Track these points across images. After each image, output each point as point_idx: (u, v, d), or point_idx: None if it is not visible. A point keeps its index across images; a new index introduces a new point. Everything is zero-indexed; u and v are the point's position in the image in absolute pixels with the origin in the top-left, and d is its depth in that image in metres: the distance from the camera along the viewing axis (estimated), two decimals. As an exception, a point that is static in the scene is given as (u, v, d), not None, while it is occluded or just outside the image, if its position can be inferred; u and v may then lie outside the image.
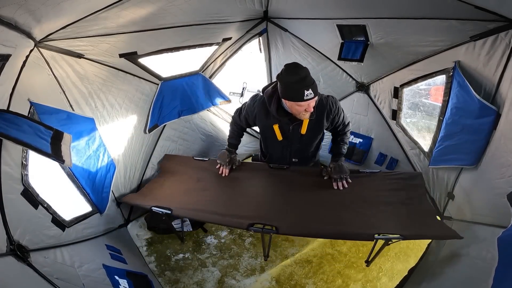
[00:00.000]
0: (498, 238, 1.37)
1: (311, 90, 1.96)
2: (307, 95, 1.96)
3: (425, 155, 2.60)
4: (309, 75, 1.99)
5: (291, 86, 1.98)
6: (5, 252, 1.37)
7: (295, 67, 2.02)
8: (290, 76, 1.98)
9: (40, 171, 1.77)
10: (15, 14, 1.34)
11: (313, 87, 1.98)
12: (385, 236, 1.85)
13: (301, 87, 1.95)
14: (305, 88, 1.95)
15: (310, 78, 1.99)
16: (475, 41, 1.90)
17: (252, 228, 2.01)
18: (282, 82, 2.02)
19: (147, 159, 2.98)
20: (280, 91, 2.07)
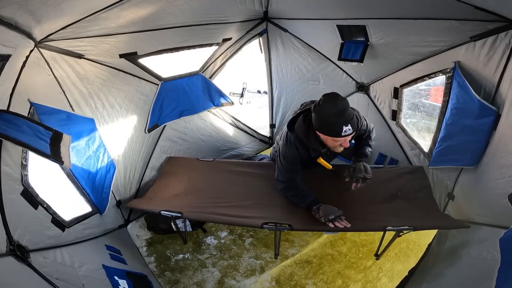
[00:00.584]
0: (500, 239, 1.36)
1: (350, 126, 1.81)
2: (345, 131, 1.82)
3: (425, 156, 2.60)
4: (348, 108, 1.83)
5: (328, 120, 1.83)
6: (5, 253, 1.36)
7: (335, 97, 1.84)
8: (328, 108, 1.81)
9: (40, 172, 1.76)
10: (15, 14, 1.34)
11: (353, 122, 1.84)
12: (396, 228, 1.92)
13: (339, 121, 1.80)
14: (344, 124, 1.80)
15: (349, 112, 1.83)
16: (475, 42, 1.90)
17: (266, 226, 2.01)
18: (318, 115, 1.86)
19: (147, 159, 2.98)
20: (314, 123, 1.92)
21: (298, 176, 2.22)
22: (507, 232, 1.39)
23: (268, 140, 4.00)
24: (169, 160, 3.03)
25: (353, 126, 1.84)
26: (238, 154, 3.78)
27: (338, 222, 1.94)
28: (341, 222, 1.94)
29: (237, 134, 3.78)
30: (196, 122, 3.37)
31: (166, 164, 2.99)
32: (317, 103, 1.87)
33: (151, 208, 2.38)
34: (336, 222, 1.94)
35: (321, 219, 1.97)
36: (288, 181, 2.20)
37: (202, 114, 3.36)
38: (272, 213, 2.18)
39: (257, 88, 6.80)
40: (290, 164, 2.16)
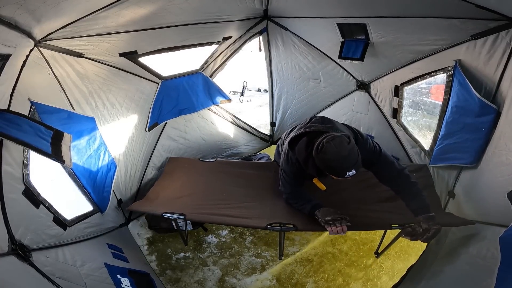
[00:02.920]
0: (500, 237, 1.37)
1: (353, 170, 1.71)
2: (348, 175, 1.72)
3: (425, 154, 2.60)
4: (352, 152, 1.70)
5: (331, 166, 1.73)
6: (6, 252, 1.37)
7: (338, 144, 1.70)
8: (330, 156, 1.70)
9: (41, 171, 1.77)
10: (15, 13, 1.34)
11: (357, 165, 1.72)
12: (401, 226, 1.92)
13: (342, 168, 1.71)
14: (347, 170, 1.70)
15: (353, 155, 1.70)
16: (476, 40, 1.90)
17: (271, 227, 2.01)
18: (320, 160, 1.76)
19: (148, 158, 2.98)
20: (317, 162, 1.81)
21: (300, 185, 2.21)
22: (506, 230, 1.39)
23: (269, 138, 4.00)
24: (170, 161, 3.00)
25: (357, 168, 1.73)
26: (239, 152, 3.78)
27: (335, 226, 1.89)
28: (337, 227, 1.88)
29: (237, 132, 3.78)
30: (196, 121, 3.37)
31: (167, 164, 2.96)
32: (319, 147, 1.74)
33: (153, 210, 2.34)
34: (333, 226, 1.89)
35: (321, 221, 1.95)
36: (291, 192, 2.20)
37: (203, 112, 3.36)
38: (276, 214, 2.17)
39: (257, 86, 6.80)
40: (292, 178, 2.15)
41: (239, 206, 2.30)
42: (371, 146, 1.98)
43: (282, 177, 2.21)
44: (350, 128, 2.07)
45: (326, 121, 2.05)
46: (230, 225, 2.70)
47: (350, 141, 1.75)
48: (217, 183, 2.63)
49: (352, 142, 1.75)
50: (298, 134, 2.01)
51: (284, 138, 2.47)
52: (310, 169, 1.93)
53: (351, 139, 1.77)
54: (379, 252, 2.25)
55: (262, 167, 2.79)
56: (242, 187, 2.55)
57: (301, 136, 1.99)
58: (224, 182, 2.62)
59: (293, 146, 2.02)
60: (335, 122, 2.05)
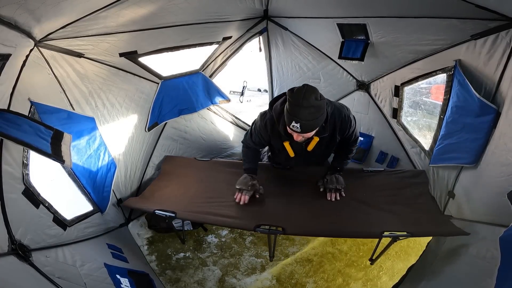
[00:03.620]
0: (500, 237, 1.37)
1: (299, 125, 1.75)
2: (293, 126, 1.77)
3: (425, 154, 2.60)
4: (310, 109, 1.72)
5: (287, 107, 1.79)
6: (6, 252, 1.37)
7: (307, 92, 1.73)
8: (292, 97, 1.75)
9: (41, 171, 1.77)
10: (15, 13, 1.34)
11: (304, 124, 1.75)
12: (393, 234, 1.88)
13: (292, 114, 1.75)
14: (294, 120, 1.74)
15: (309, 112, 1.73)
16: (476, 40, 1.90)
17: (259, 230, 1.99)
18: (287, 96, 1.82)
19: (148, 158, 2.98)
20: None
21: (255, 144, 2.31)
22: (506, 230, 1.39)
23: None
24: (166, 159, 3.02)
25: (304, 128, 1.76)
26: (239, 152, 3.78)
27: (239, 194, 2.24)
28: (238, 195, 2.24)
29: (237, 132, 3.79)
30: (196, 121, 3.37)
31: (163, 163, 2.98)
32: (295, 88, 1.81)
33: (146, 207, 2.36)
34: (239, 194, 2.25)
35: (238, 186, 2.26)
36: (249, 144, 2.33)
37: (203, 112, 3.36)
38: (265, 216, 2.15)
39: (257, 86, 6.81)
40: (256, 134, 2.23)
41: (230, 205, 2.28)
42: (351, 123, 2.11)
43: (250, 128, 2.31)
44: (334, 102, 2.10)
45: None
46: (218, 225, 2.70)
47: (320, 100, 1.75)
48: (210, 182, 2.63)
49: (321, 101, 1.75)
50: (280, 94, 2.08)
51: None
52: (281, 125, 1.96)
53: (323, 99, 1.77)
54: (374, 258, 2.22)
55: None
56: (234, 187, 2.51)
57: (283, 94, 2.03)
58: (218, 181, 2.63)
59: (272, 104, 2.07)
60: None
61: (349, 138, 2.24)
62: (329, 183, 2.30)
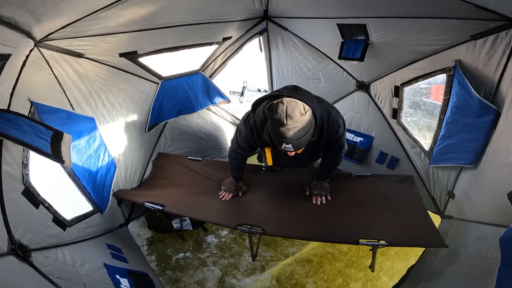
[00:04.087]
0: (500, 238, 1.37)
1: (291, 146, 1.64)
2: (284, 147, 1.66)
3: (425, 154, 2.60)
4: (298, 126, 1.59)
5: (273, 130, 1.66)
6: (6, 252, 1.37)
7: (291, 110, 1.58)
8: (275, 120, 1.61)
9: (41, 171, 1.77)
10: (15, 13, 1.34)
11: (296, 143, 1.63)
12: (370, 242, 1.86)
13: (281, 137, 1.62)
14: (285, 142, 1.63)
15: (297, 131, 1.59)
16: (476, 40, 1.90)
17: (240, 228, 2.03)
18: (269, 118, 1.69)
19: (148, 158, 2.98)
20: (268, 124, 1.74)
21: (246, 152, 2.25)
22: (507, 231, 1.39)
23: (268, 139, 4.00)
24: (159, 156, 3.07)
25: (296, 146, 1.65)
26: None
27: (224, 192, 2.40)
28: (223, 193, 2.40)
29: (237, 133, 3.78)
30: (196, 121, 3.37)
31: (156, 159, 3.04)
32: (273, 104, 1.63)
33: (136, 199, 2.47)
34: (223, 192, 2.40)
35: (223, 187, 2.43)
36: (235, 150, 2.26)
37: (202, 113, 3.36)
38: (248, 215, 2.22)
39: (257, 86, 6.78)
40: (242, 139, 2.15)
41: (216, 203, 2.37)
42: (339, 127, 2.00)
43: (235, 135, 2.24)
44: (324, 103, 1.97)
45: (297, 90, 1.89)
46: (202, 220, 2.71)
47: (306, 113, 1.61)
48: (199, 180, 2.71)
49: (307, 115, 1.61)
50: (262, 97, 1.95)
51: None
52: (265, 133, 1.87)
53: (308, 112, 1.62)
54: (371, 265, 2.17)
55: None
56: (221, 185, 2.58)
57: (265, 99, 1.90)
58: (206, 179, 2.70)
59: (256, 108, 1.94)
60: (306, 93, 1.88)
61: (334, 143, 2.10)
62: (314, 189, 2.33)
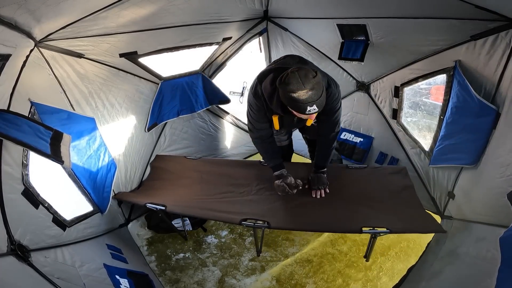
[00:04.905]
0: (500, 238, 1.36)
1: (315, 106, 1.68)
2: (310, 111, 1.69)
3: (425, 154, 2.60)
4: (315, 87, 1.65)
5: (293, 99, 1.67)
6: (5, 252, 1.37)
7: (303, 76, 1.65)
8: (293, 87, 1.65)
9: (41, 171, 1.77)
10: (15, 14, 1.34)
11: (319, 102, 1.69)
12: (372, 230, 1.94)
13: (304, 101, 1.66)
14: (309, 104, 1.67)
15: (316, 91, 1.66)
16: (476, 41, 1.90)
17: (245, 223, 2.06)
18: (283, 91, 1.71)
19: (148, 158, 2.98)
20: (280, 94, 1.76)
21: (267, 126, 2.15)
22: (507, 231, 1.39)
23: (268, 139, 4.00)
24: (156, 158, 3.07)
25: (320, 105, 1.70)
26: (238, 152, 3.78)
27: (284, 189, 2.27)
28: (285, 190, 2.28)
29: (237, 133, 3.78)
30: (196, 121, 3.37)
31: (154, 161, 3.03)
32: (283, 77, 1.69)
33: (137, 200, 2.46)
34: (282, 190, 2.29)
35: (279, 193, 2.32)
36: (258, 130, 2.17)
37: (202, 113, 3.36)
38: (252, 210, 2.23)
39: (257, 87, 6.79)
40: (256, 113, 2.10)
41: (218, 200, 2.39)
42: (336, 100, 2.01)
43: (248, 113, 2.15)
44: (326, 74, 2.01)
45: (302, 61, 2.00)
46: (207, 218, 2.80)
47: (316, 75, 1.68)
48: (200, 179, 2.71)
49: (318, 76, 1.68)
50: (268, 69, 1.97)
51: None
52: (275, 106, 1.89)
53: (318, 74, 1.69)
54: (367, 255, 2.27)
55: (244, 165, 2.87)
56: (223, 183, 2.62)
57: (270, 71, 1.94)
58: (207, 178, 2.71)
59: (262, 80, 1.96)
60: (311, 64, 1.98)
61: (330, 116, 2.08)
62: (313, 183, 2.34)
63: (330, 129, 2.18)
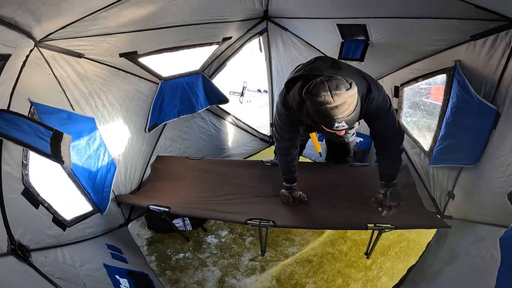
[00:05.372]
0: (500, 238, 1.36)
1: (344, 123, 1.48)
2: (337, 127, 1.50)
3: (425, 154, 2.60)
4: (348, 100, 1.44)
5: (320, 112, 1.48)
6: (6, 252, 1.37)
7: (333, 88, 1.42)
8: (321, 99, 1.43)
9: (41, 171, 1.77)
10: (15, 14, 1.34)
11: (349, 119, 1.48)
12: (378, 226, 1.97)
13: (332, 116, 1.46)
14: (337, 121, 1.47)
15: (347, 106, 1.44)
16: (476, 41, 1.90)
17: (250, 223, 2.07)
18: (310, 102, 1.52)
19: (148, 158, 2.98)
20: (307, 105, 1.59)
21: (294, 136, 2.05)
22: (507, 231, 1.39)
23: (269, 139, 4.00)
24: (157, 159, 3.06)
25: (350, 122, 1.50)
26: (238, 153, 3.78)
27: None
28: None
29: (237, 133, 3.78)
30: (196, 121, 3.37)
31: (155, 163, 3.02)
32: (311, 88, 1.48)
33: (140, 202, 2.46)
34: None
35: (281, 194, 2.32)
36: (285, 141, 2.06)
37: (202, 113, 3.36)
38: (257, 210, 2.25)
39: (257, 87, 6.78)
40: (286, 122, 1.97)
41: (222, 201, 2.40)
42: (383, 103, 1.79)
43: (275, 122, 2.03)
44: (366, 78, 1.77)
45: (335, 65, 1.74)
46: (211, 219, 2.82)
47: (351, 87, 1.45)
48: (202, 179, 2.72)
49: (353, 89, 1.45)
50: (296, 76, 1.77)
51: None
52: (305, 116, 1.70)
53: (353, 85, 1.46)
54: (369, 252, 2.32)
55: (246, 165, 2.89)
56: (226, 183, 2.63)
57: (298, 78, 1.74)
58: (209, 178, 2.72)
59: (290, 88, 1.78)
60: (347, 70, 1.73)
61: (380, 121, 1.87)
62: (390, 200, 2.02)
63: (388, 131, 1.94)
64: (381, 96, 1.79)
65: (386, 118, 1.87)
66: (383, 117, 1.85)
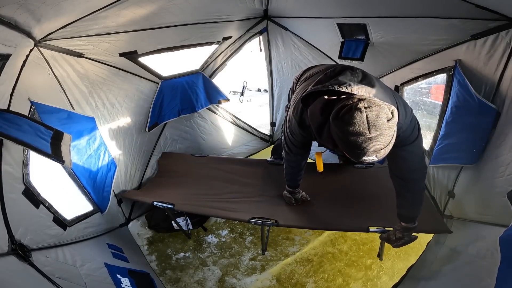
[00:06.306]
0: (499, 237, 1.37)
1: (375, 157, 1.22)
2: (365, 160, 1.24)
3: (425, 154, 2.60)
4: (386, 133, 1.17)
5: (350, 144, 1.21)
6: (6, 252, 1.37)
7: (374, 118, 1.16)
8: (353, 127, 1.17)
9: (41, 171, 1.77)
10: (15, 13, 1.34)
11: (381, 153, 1.22)
12: (380, 229, 1.97)
13: (363, 149, 1.19)
14: (368, 155, 1.21)
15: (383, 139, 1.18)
16: (476, 40, 1.90)
17: (253, 221, 2.09)
18: (338, 129, 1.24)
19: (148, 158, 2.99)
20: (331, 129, 1.31)
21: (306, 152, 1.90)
22: (506, 230, 1.39)
23: (269, 138, 4.00)
24: (163, 156, 3.08)
25: (381, 155, 1.24)
26: (239, 152, 3.78)
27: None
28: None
29: (237, 132, 3.78)
30: (196, 121, 3.37)
31: (161, 159, 3.04)
32: (342, 111, 1.21)
33: (145, 199, 2.47)
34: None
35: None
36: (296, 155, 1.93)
37: (203, 112, 3.36)
38: (260, 209, 2.26)
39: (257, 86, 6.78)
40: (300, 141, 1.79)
41: (226, 199, 2.42)
42: (410, 128, 1.52)
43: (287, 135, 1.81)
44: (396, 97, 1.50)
45: (367, 82, 1.43)
46: (215, 216, 2.84)
47: (393, 117, 1.19)
48: (207, 177, 2.73)
49: (393, 121, 1.19)
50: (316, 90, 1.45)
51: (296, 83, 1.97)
52: (324, 139, 1.45)
53: (394, 115, 1.20)
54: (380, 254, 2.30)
55: (250, 164, 2.90)
56: (230, 181, 2.65)
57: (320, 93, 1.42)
58: (214, 176, 2.73)
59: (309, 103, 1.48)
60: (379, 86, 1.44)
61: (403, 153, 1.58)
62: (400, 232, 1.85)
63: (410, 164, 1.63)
64: (409, 120, 1.53)
65: (410, 146, 1.55)
66: (407, 144, 1.54)
